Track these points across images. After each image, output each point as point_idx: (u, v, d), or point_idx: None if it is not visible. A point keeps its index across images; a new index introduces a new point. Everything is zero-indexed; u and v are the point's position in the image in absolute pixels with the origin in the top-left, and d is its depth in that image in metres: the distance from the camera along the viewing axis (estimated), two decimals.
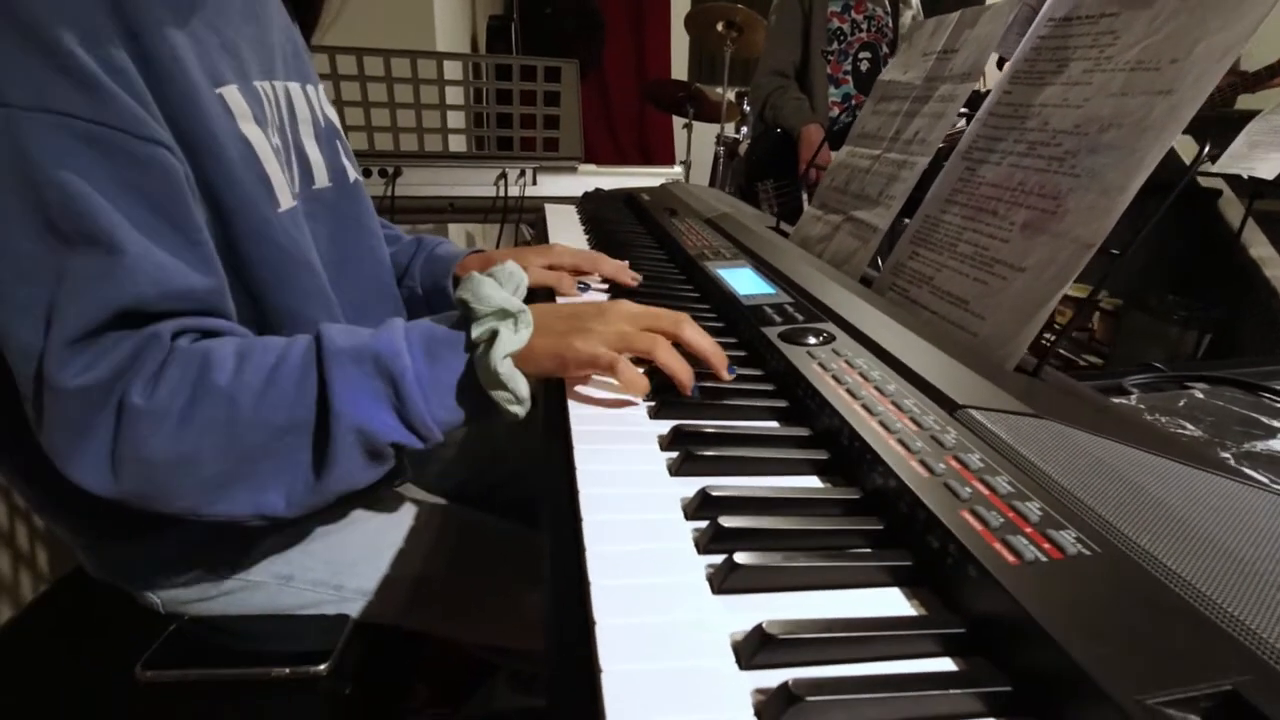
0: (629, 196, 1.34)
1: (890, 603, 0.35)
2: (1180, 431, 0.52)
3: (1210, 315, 2.54)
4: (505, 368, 0.50)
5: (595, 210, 1.27)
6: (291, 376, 0.48)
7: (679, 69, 4.21)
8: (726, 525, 0.36)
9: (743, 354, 0.63)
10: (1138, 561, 0.31)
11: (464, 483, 0.86)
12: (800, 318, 0.63)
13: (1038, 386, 0.51)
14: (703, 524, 0.38)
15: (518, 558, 0.73)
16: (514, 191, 1.50)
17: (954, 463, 0.39)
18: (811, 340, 0.58)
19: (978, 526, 0.34)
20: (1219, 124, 2.39)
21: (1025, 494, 0.36)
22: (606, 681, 0.27)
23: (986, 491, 0.37)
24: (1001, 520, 0.34)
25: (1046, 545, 0.32)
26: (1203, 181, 2.67)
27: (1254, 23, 0.48)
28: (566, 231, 1.14)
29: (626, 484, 0.42)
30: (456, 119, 1.52)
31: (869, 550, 0.38)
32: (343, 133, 0.76)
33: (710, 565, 0.35)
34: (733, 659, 0.29)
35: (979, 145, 0.68)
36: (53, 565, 1.22)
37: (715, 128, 3.27)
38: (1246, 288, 2.59)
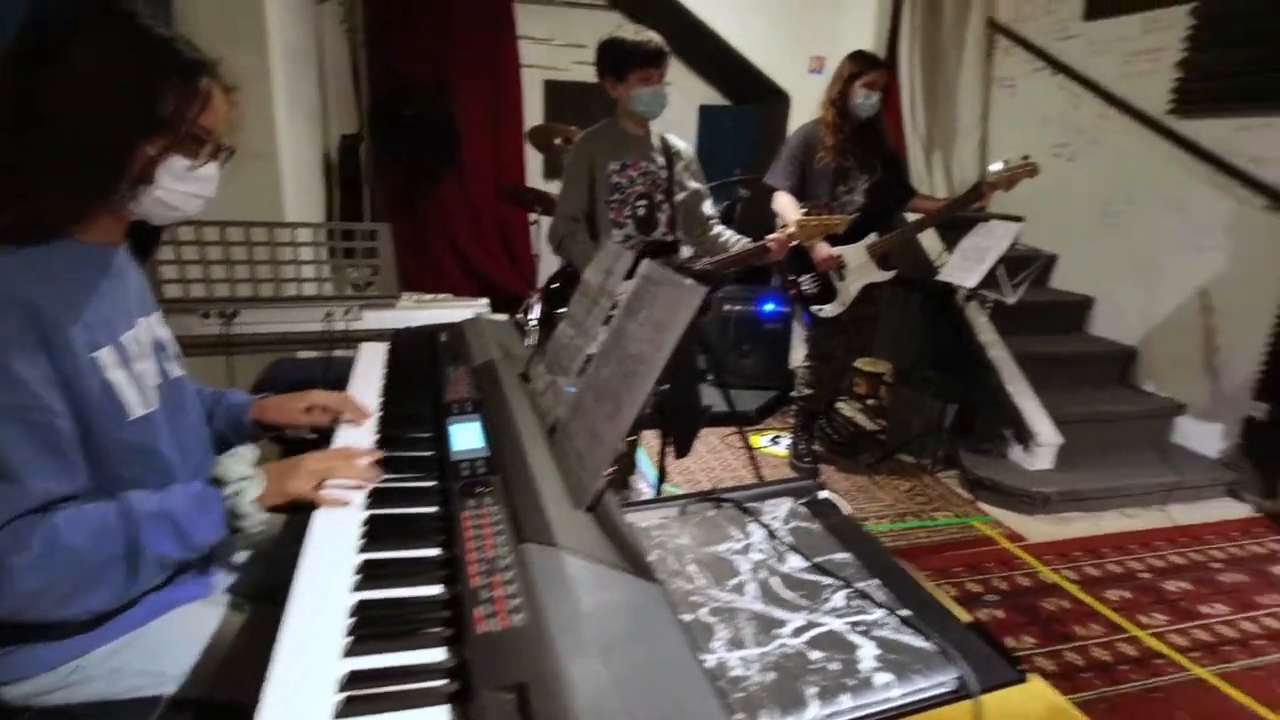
0: (431, 334, 1.68)
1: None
2: (665, 536, 0.91)
3: (953, 389, 3.16)
4: (250, 509, 0.91)
5: (400, 351, 1.60)
6: (110, 531, 0.81)
7: (535, 169, 4.66)
8: (369, 598, 0.70)
9: (442, 496, 0.97)
10: (535, 627, 0.66)
11: (262, 585, 1.14)
12: (483, 471, 0.98)
13: (580, 521, 0.88)
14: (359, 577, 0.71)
15: None
16: (340, 326, 1.81)
17: (495, 575, 0.74)
18: (476, 490, 0.93)
19: (477, 611, 0.68)
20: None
21: (517, 595, 0.71)
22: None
23: (498, 592, 0.72)
24: (493, 610, 0.69)
25: (504, 620, 0.67)
26: None
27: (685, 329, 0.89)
28: (368, 374, 1.46)
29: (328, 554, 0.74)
30: (292, 270, 1.83)
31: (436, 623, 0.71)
32: (168, 340, 1.06)
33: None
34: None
35: (605, 349, 1.07)
36: None
37: None
38: (984, 367, 3.23)
